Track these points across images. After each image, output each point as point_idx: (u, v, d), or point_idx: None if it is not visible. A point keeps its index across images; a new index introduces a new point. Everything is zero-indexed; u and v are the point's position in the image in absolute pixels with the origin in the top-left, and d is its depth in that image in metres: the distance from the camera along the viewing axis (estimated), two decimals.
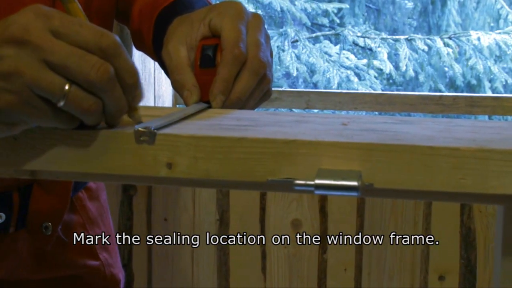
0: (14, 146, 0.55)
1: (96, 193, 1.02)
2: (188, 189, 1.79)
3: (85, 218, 0.98)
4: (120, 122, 0.56)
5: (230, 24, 0.70)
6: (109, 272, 1.01)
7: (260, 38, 0.71)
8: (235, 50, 0.68)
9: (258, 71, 0.69)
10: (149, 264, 1.83)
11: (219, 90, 0.68)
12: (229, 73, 0.68)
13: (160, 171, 0.53)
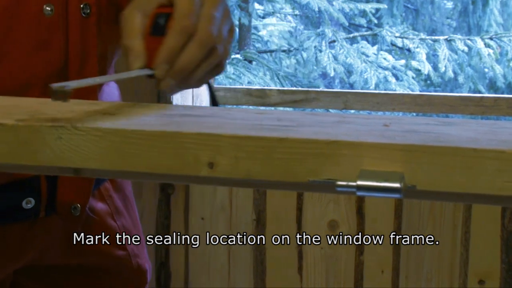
0: (59, 145, 0.56)
1: (120, 185, 1.03)
2: (225, 189, 1.79)
3: (112, 208, 0.99)
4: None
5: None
6: (136, 263, 1.02)
7: (214, 12, 0.71)
8: (184, 21, 0.69)
9: (206, 43, 0.70)
10: (186, 263, 1.84)
11: (163, 59, 0.69)
12: (175, 43, 0.69)
13: (201, 170, 0.53)
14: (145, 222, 1.83)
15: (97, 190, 0.98)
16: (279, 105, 2.12)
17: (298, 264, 1.78)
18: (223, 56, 0.73)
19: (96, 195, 0.98)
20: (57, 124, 0.56)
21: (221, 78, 4.52)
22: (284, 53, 5.40)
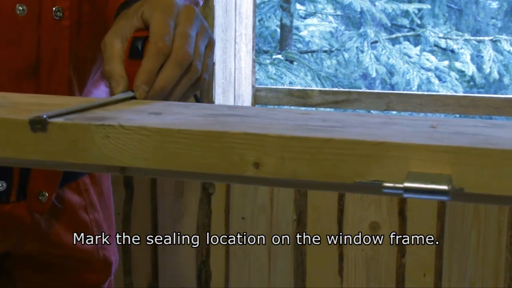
0: (106, 143, 0.57)
1: (98, 180, 1.09)
2: (266, 189, 1.79)
3: (87, 201, 1.05)
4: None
5: (158, 18, 0.74)
6: (102, 255, 1.08)
7: (188, 30, 0.75)
8: (159, 43, 0.72)
9: (181, 62, 0.73)
10: (226, 263, 1.84)
11: (141, 81, 0.72)
12: (151, 65, 0.72)
13: (247, 170, 0.53)
14: (186, 222, 1.84)
15: (75, 182, 1.03)
16: (321, 105, 2.12)
17: (338, 265, 1.77)
18: (203, 71, 0.76)
19: (73, 187, 1.03)
20: (105, 123, 0.57)
21: (262, 78, 4.52)
22: (326, 54, 5.38)
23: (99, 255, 1.08)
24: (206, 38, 0.78)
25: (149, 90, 0.72)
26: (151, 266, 1.88)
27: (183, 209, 1.84)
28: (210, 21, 1.76)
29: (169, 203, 1.84)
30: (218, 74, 1.82)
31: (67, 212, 1.03)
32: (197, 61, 0.75)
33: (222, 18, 1.83)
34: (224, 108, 0.66)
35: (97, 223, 1.08)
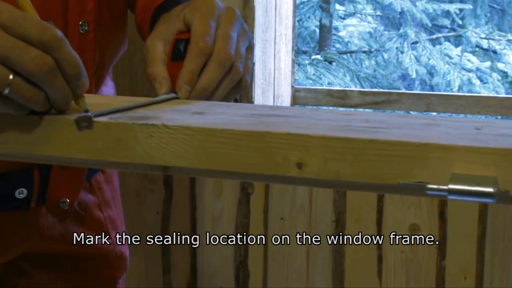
0: (149, 143, 0.57)
1: (110, 177, 1.10)
2: (305, 189, 1.79)
3: (101, 199, 1.07)
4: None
5: (199, 19, 0.75)
6: (118, 250, 1.10)
7: (229, 32, 0.75)
8: (200, 44, 0.73)
9: (223, 63, 0.73)
10: (264, 263, 1.84)
11: (184, 81, 0.72)
12: (193, 65, 0.73)
13: (290, 170, 0.53)
14: (225, 221, 1.85)
15: (88, 182, 1.05)
16: (360, 106, 2.11)
17: (377, 267, 1.76)
18: (244, 73, 0.76)
19: (87, 187, 1.04)
20: (148, 122, 0.57)
21: (301, 78, 4.51)
22: (365, 54, 5.35)
23: (116, 251, 1.10)
24: (247, 40, 0.78)
25: (191, 90, 0.72)
26: (190, 265, 1.89)
27: (221, 209, 1.85)
28: (251, 22, 1.76)
29: (208, 203, 1.85)
30: (257, 75, 1.82)
31: (82, 212, 1.04)
32: (239, 63, 0.75)
33: (262, 18, 1.83)
34: (266, 108, 0.66)
35: (111, 220, 1.10)
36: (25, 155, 0.63)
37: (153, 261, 1.90)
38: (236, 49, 0.75)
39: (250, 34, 0.80)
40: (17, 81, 0.58)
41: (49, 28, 0.59)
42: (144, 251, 1.90)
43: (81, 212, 1.05)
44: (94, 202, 1.07)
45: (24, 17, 0.59)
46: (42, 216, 0.99)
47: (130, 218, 1.88)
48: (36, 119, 0.61)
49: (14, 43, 0.58)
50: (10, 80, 0.58)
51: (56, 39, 0.59)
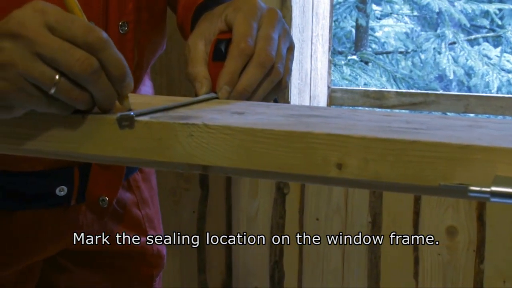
0: (190, 142, 0.58)
1: (148, 176, 1.12)
2: (340, 190, 1.78)
3: (139, 198, 1.09)
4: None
5: (241, 20, 0.75)
6: (156, 248, 1.12)
7: (271, 33, 0.74)
8: (241, 44, 0.73)
9: (264, 64, 0.73)
10: (300, 263, 1.84)
11: (224, 82, 0.72)
12: (234, 66, 0.73)
13: (330, 171, 0.53)
14: (260, 221, 1.85)
15: (127, 180, 1.06)
16: (397, 107, 2.10)
17: (414, 269, 1.74)
18: (284, 74, 0.76)
19: (125, 186, 1.06)
20: (189, 122, 0.58)
21: (337, 79, 4.50)
22: (401, 55, 5.31)
23: (153, 249, 1.11)
24: (288, 41, 0.78)
25: (231, 90, 0.73)
26: (225, 264, 1.90)
27: (257, 209, 1.85)
28: (288, 22, 1.76)
29: (243, 203, 1.86)
30: (294, 75, 1.82)
31: (120, 209, 1.06)
32: (279, 64, 0.75)
33: (299, 18, 1.83)
34: (305, 109, 0.66)
35: (149, 218, 1.11)
36: (68, 154, 0.64)
37: (188, 260, 1.91)
38: (277, 50, 0.75)
39: (291, 34, 0.80)
40: (63, 81, 0.60)
41: (94, 30, 0.61)
42: (179, 250, 1.91)
43: (120, 210, 1.06)
44: (132, 200, 1.08)
45: (71, 19, 0.61)
46: (81, 213, 1.00)
47: (166, 217, 1.90)
48: (79, 118, 0.62)
49: (60, 45, 0.59)
50: (56, 80, 0.59)
51: (101, 41, 0.61)
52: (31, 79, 0.60)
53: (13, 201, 0.95)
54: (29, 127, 0.64)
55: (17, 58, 0.59)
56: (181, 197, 1.89)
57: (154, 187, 1.15)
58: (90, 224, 1.02)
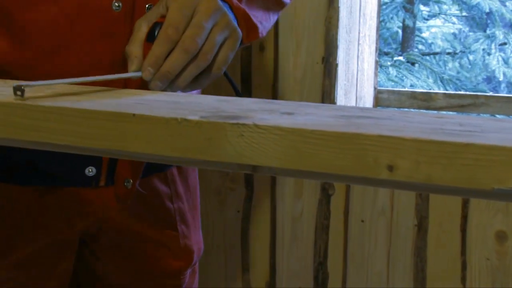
0: (240, 142, 0.58)
1: (186, 173, 1.15)
2: (386, 192, 1.77)
3: (173, 191, 1.12)
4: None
5: (174, 7, 0.81)
6: (184, 243, 1.13)
7: (201, 22, 0.80)
8: (168, 30, 0.79)
9: (187, 49, 0.79)
10: (344, 265, 1.83)
11: (148, 64, 0.79)
12: (159, 50, 0.79)
13: (380, 173, 0.53)
14: (305, 222, 1.85)
15: (163, 173, 1.09)
16: (444, 109, 2.07)
17: (461, 274, 1.72)
18: (218, 61, 0.83)
19: (161, 177, 1.09)
20: (240, 122, 0.58)
21: (383, 80, 4.46)
22: (449, 56, 5.24)
23: (180, 243, 1.13)
24: (226, 30, 0.83)
25: (154, 72, 0.79)
26: (269, 264, 1.90)
27: (302, 209, 1.85)
28: (335, 22, 1.76)
29: (288, 203, 1.85)
30: (340, 76, 1.81)
31: (151, 199, 1.09)
32: (208, 51, 0.80)
33: (346, 19, 1.82)
34: (355, 110, 0.66)
35: (181, 212, 1.13)
36: (117, 152, 0.65)
37: (232, 259, 1.92)
38: (208, 38, 0.80)
39: (234, 25, 0.85)
40: None
41: None
42: (224, 249, 1.92)
43: (152, 200, 1.09)
44: (166, 192, 1.11)
45: None
46: (110, 198, 1.03)
47: (211, 216, 1.91)
48: (129, 116, 0.62)
49: None
50: None
51: None
52: None
53: (45, 178, 0.98)
54: (78, 125, 0.65)
55: None
56: (226, 196, 1.90)
57: (191, 184, 1.17)
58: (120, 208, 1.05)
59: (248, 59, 1.81)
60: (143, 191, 1.06)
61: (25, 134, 0.67)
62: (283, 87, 1.79)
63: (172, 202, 1.12)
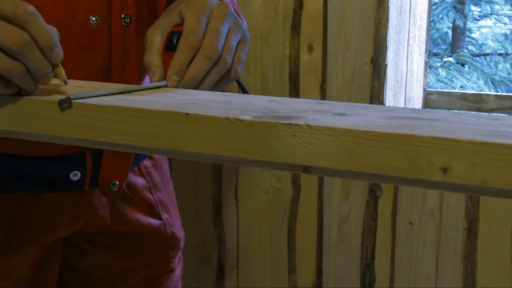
0: (292, 142, 0.58)
1: (159, 162, 1.18)
2: (435, 194, 1.75)
3: (150, 183, 1.15)
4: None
5: (191, 14, 0.82)
6: (170, 231, 1.18)
7: (219, 27, 0.81)
8: (190, 38, 0.80)
9: (210, 55, 0.80)
10: (391, 268, 1.82)
11: (173, 72, 0.79)
12: (182, 57, 0.80)
13: (434, 175, 0.52)
14: (352, 223, 1.84)
15: (137, 166, 1.13)
16: (495, 111, 2.04)
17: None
18: (234, 64, 0.83)
19: (136, 171, 1.12)
20: (292, 122, 0.58)
21: (432, 81, 4.41)
22: (500, 57, 5.15)
23: (167, 231, 1.17)
24: (239, 34, 0.84)
25: (179, 80, 0.79)
26: (315, 265, 1.90)
27: (349, 210, 1.84)
28: (384, 23, 1.74)
29: (335, 204, 1.85)
30: (389, 77, 1.80)
31: (132, 193, 1.12)
32: (227, 55, 0.81)
33: (396, 19, 1.81)
34: (408, 111, 0.66)
35: (162, 202, 1.17)
36: (170, 152, 0.66)
37: (279, 259, 1.92)
38: (225, 43, 0.81)
39: (245, 28, 0.86)
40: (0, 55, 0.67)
41: (22, 4, 0.67)
42: (270, 249, 1.92)
43: (131, 194, 1.12)
44: (144, 185, 1.15)
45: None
46: (95, 197, 1.07)
47: (258, 216, 1.91)
48: (183, 116, 0.63)
49: None
50: None
51: (28, 14, 0.67)
52: None
53: (30, 184, 1.01)
54: (134, 124, 0.66)
55: None
56: (273, 196, 1.90)
57: (166, 173, 1.21)
58: (104, 207, 1.09)
59: (296, 60, 1.81)
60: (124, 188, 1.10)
61: (80, 132, 0.69)
62: (331, 87, 1.79)
63: (152, 193, 1.16)
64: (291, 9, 1.78)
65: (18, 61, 0.67)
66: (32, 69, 0.68)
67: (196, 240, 1.98)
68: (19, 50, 0.66)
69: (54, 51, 0.69)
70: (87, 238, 1.12)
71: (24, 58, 0.67)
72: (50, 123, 0.70)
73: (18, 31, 0.66)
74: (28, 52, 0.67)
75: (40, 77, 0.69)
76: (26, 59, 0.68)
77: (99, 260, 1.14)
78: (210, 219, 1.97)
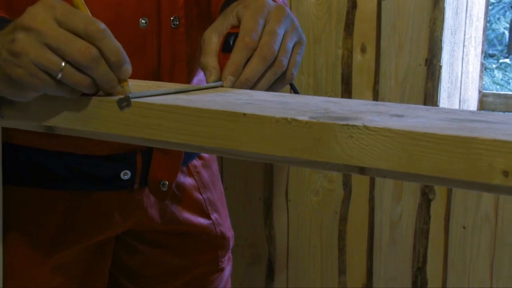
0: (349, 143, 0.58)
1: (208, 162, 1.19)
2: (490, 198, 1.72)
3: (199, 182, 1.17)
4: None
5: (248, 16, 0.82)
6: (219, 230, 1.19)
7: (275, 29, 0.81)
8: (246, 39, 0.80)
9: (266, 57, 0.80)
10: (444, 272, 1.79)
11: (229, 72, 0.80)
12: (238, 58, 0.80)
13: (494, 178, 0.52)
14: (403, 226, 1.82)
15: (186, 167, 1.14)
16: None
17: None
18: (290, 67, 0.83)
19: (185, 172, 1.14)
20: (350, 123, 0.58)
21: (487, 83, 4.33)
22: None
23: (216, 231, 1.18)
24: (295, 36, 0.84)
25: (235, 80, 0.80)
26: (366, 267, 1.88)
27: (401, 213, 1.82)
28: (439, 24, 1.72)
29: (386, 206, 1.83)
30: (444, 78, 1.77)
31: (181, 193, 1.14)
32: (283, 57, 0.81)
33: (452, 20, 1.78)
34: (467, 113, 0.65)
35: (211, 202, 1.18)
36: (227, 151, 0.66)
37: (329, 261, 1.92)
38: (281, 45, 0.81)
39: (301, 30, 0.86)
40: (68, 68, 0.69)
41: (94, 22, 0.70)
42: (320, 250, 1.92)
43: (180, 194, 1.14)
44: (193, 185, 1.16)
45: (74, 13, 0.70)
46: (145, 196, 1.09)
47: (308, 217, 1.91)
48: (240, 115, 0.64)
49: (64, 36, 0.69)
50: (62, 66, 0.69)
51: (99, 31, 0.69)
52: (41, 66, 0.69)
53: (83, 182, 1.04)
54: (191, 123, 0.66)
55: (29, 48, 0.69)
56: (324, 197, 1.90)
57: (215, 173, 1.22)
58: (153, 206, 1.10)
59: (349, 60, 1.80)
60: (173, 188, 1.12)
61: (138, 131, 0.70)
62: (384, 88, 1.77)
63: (201, 193, 1.17)
64: (344, 10, 1.77)
65: (86, 75, 0.70)
66: (99, 83, 0.71)
67: (246, 240, 1.99)
68: (87, 64, 0.69)
69: (123, 67, 0.72)
70: (138, 236, 1.14)
71: (92, 73, 0.70)
72: (109, 122, 0.71)
73: (87, 46, 0.69)
74: (96, 67, 0.70)
75: (106, 90, 0.72)
76: (93, 74, 0.70)
77: (149, 258, 1.16)
78: (260, 219, 1.98)
